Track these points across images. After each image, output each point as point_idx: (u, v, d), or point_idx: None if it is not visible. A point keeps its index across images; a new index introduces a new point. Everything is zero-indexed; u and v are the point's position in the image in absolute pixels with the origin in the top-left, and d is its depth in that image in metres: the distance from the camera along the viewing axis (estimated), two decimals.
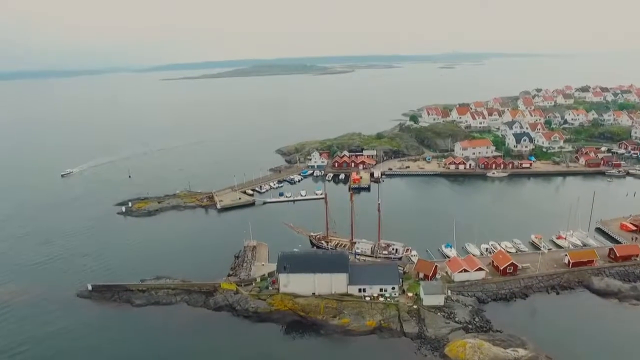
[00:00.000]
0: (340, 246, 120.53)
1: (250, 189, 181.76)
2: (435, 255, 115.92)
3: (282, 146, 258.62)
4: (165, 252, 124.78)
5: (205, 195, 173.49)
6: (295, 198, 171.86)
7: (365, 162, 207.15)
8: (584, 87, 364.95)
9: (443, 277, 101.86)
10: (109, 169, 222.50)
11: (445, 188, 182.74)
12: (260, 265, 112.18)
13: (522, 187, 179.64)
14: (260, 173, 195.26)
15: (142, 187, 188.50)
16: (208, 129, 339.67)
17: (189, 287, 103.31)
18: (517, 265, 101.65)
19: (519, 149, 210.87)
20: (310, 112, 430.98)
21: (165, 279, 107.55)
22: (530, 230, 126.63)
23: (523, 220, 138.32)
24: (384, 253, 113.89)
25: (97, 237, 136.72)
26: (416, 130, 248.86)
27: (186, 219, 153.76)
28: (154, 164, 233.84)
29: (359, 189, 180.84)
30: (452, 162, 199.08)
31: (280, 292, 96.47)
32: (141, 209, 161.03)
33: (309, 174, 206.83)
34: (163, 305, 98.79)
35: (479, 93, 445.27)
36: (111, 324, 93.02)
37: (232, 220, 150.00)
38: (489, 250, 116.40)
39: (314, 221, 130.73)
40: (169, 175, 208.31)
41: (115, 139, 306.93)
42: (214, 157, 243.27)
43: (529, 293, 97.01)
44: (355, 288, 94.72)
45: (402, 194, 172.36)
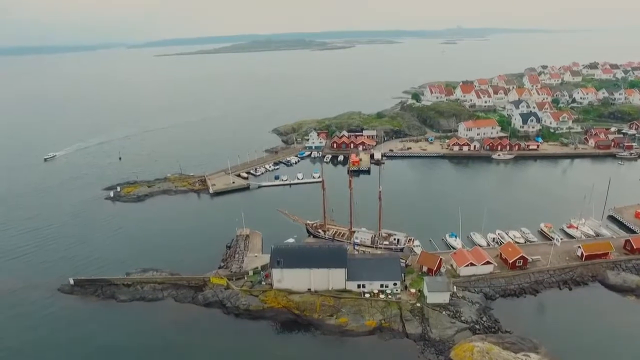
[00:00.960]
0: (338, 235, 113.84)
1: (244, 172, 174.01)
2: (439, 246, 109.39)
3: (279, 125, 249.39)
4: (154, 242, 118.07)
5: (197, 179, 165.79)
6: (292, 182, 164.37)
7: (365, 143, 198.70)
8: (592, 64, 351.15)
9: (448, 271, 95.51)
10: (99, 151, 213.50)
11: (448, 171, 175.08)
12: (253, 257, 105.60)
13: (529, 170, 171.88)
14: (256, 155, 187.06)
15: (133, 170, 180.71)
16: (203, 108, 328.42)
17: (177, 281, 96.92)
18: (527, 258, 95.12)
19: (526, 129, 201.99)
20: (308, 89, 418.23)
21: (152, 272, 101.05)
22: (539, 219, 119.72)
23: (531, 207, 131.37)
24: (384, 244, 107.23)
25: (82, 225, 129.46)
26: (418, 109, 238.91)
27: (177, 205, 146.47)
28: (146, 145, 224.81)
29: (359, 172, 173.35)
30: (455, 143, 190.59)
31: (273, 288, 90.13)
32: (130, 194, 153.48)
33: (307, 155, 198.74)
34: (149, 301, 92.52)
35: (482, 70, 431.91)
36: (93, 322, 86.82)
37: (225, 206, 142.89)
38: (496, 240, 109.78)
39: (311, 207, 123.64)
40: (161, 157, 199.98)
41: (106, 119, 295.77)
42: (208, 138, 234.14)
43: (540, 289, 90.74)
44: (354, 284, 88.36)
45: (403, 178, 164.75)
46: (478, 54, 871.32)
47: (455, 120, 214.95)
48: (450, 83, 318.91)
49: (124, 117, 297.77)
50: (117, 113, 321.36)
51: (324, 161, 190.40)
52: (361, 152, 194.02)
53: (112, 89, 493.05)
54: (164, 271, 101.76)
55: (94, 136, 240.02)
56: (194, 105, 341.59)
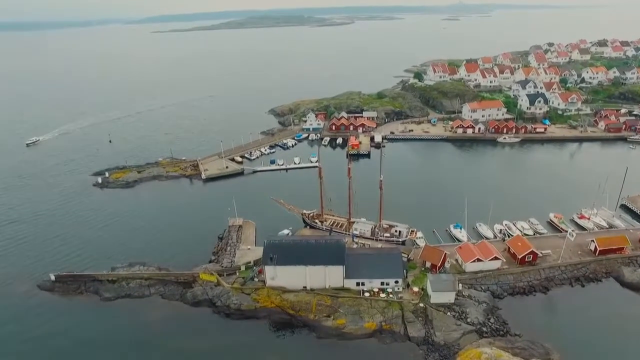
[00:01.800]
0: (336, 226, 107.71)
1: (239, 156, 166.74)
2: (443, 238, 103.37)
3: (276, 106, 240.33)
4: (142, 232, 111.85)
5: (189, 164, 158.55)
6: (288, 166, 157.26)
7: (365, 125, 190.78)
8: (601, 41, 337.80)
9: (453, 266, 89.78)
10: (87, 134, 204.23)
11: (452, 155, 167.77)
12: (246, 250, 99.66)
13: (537, 154, 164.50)
14: (251, 137, 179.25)
15: (123, 153, 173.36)
16: (198, 87, 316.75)
17: (165, 277, 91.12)
18: (538, 253, 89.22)
19: (533, 111, 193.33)
20: (307, 67, 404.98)
21: (139, 267, 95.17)
22: (548, 208, 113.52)
23: (539, 195, 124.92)
24: (385, 236, 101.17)
25: (67, 215, 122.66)
26: (420, 89, 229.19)
27: (167, 191, 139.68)
28: (137, 127, 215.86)
29: (358, 156, 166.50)
30: (459, 125, 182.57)
31: (266, 286, 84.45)
32: (119, 180, 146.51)
33: (304, 138, 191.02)
34: (135, 298, 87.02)
35: (486, 47, 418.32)
36: (74, 321, 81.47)
37: (218, 193, 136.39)
38: (503, 232, 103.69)
39: (308, 194, 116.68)
40: (153, 140, 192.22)
41: (96, 100, 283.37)
42: (202, 119, 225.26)
43: (550, 286, 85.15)
44: (353, 282, 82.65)
45: (404, 163, 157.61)
46: (481, 30, 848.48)
47: (459, 101, 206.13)
48: (453, 61, 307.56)
49: (114, 98, 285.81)
50: (107, 93, 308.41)
51: (322, 144, 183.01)
52: (361, 134, 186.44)
53: (104, 68, 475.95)
54: (152, 265, 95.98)
55: (83, 118, 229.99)
56: (188, 85, 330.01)
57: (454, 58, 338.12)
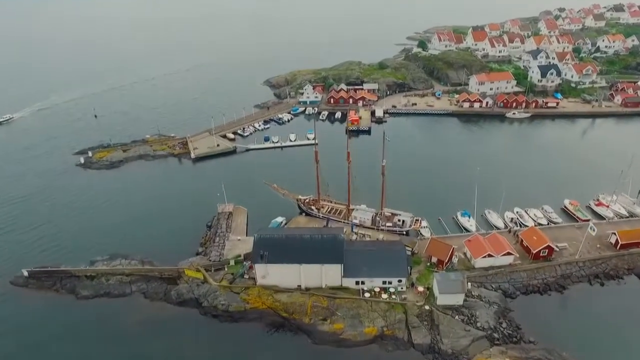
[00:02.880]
0: (334, 213, 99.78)
1: (231, 132, 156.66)
2: (449, 227, 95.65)
3: (271, 76, 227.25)
4: (126, 220, 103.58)
5: (178, 141, 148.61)
6: (283, 144, 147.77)
7: (365, 98, 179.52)
8: (617, 6, 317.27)
9: (461, 261, 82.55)
10: (70, 109, 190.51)
11: (458, 132, 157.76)
12: (236, 241, 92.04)
13: (548, 132, 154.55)
14: (244, 112, 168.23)
15: (108, 129, 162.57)
16: (188, 56, 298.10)
17: (148, 273, 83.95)
18: (554, 247, 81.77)
19: (544, 84, 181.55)
20: (304, 34, 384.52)
21: (120, 260, 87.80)
22: (562, 193, 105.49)
23: (553, 178, 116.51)
24: (387, 225, 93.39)
25: (45, 201, 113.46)
26: (424, 58, 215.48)
27: (154, 173, 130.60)
28: (124, 100, 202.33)
29: (358, 132, 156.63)
30: (466, 99, 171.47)
31: (257, 285, 77.33)
32: (102, 160, 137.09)
33: (301, 112, 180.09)
34: (115, 297, 79.97)
35: (492, 12, 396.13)
36: (49, 321, 74.77)
37: (208, 174, 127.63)
38: (514, 221, 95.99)
39: (304, 175, 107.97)
40: (141, 115, 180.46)
41: (82, 70, 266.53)
42: (192, 91, 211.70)
43: (567, 284, 78.22)
44: (352, 281, 75.50)
45: (407, 140, 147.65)
46: None
47: (466, 73, 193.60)
48: (458, 28, 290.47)
49: (100, 68, 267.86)
50: (93, 63, 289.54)
51: (320, 118, 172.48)
52: (361, 108, 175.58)
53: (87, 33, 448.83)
54: (135, 258, 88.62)
55: (64, 92, 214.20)
56: (177, 53, 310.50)
57: (459, 25, 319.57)
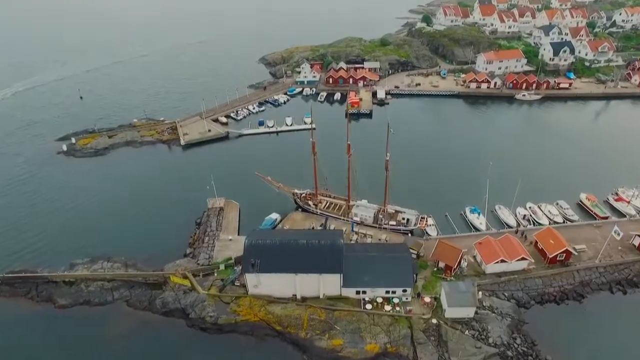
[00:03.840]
0: (333, 209, 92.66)
1: (223, 116, 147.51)
2: (457, 224, 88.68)
3: (267, 53, 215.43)
4: (109, 215, 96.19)
5: (167, 126, 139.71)
6: (279, 128, 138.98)
7: (366, 78, 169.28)
8: None
9: (470, 265, 76.12)
10: (55, 89, 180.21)
11: (464, 115, 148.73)
12: (227, 241, 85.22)
13: (560, 115, 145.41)
14: (237, 93, 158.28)
15: (94, 113, 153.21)
16: (180, 31, 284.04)
17: (131, 278, 77.50)
18: (572, 252, 75.15)
19: (556, 62, 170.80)
20: (301, 6, 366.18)
21: (102, 262, 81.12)
22: (577, 186, 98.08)
23: (567, 168, 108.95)
24: (390, 224, 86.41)
25: (23, 195, 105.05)
26: (429, 34, 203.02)
27: (141, 161, 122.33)
28: (113, 79, 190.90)
29: (358, 115, 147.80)
30: (473, 79, 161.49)
31: (249, 294, 70.99)
32: (87, 147, 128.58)
33: (297, 93, 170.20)
34: (95, 305, 73.72)
35: None
36: (23, 334, 68.74)
37: (198, 162, 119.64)
38: (527, 218, 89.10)
39: (300, 164, 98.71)
40: (129, 97, 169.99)
41: (65, 47, 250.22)
42: (184, 70, 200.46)
43: (586, 292, 72.02)
44: (353, 290, 69.12)
45: (410, 124, 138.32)
46: None
47: (473, 50, 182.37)
48: (463, 1, 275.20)
49: (85, 45, 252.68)
50: (80, 38, 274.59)
51: (318, 100, 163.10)
52: (362, 89, 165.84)
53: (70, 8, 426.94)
54: (118, 260, 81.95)
55: (47, 71, 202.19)
56: (168, 29, 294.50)
57: None
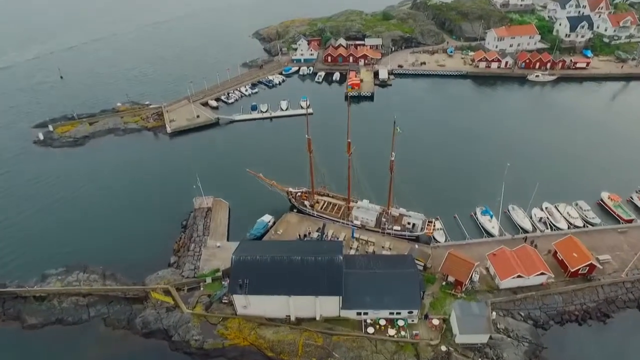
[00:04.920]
0: (331, 210, 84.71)
1: (213, 99, 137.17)
2: (467, 227, 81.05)
3: (262, 27, 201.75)
4: (87, 216, 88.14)
5: (153, 112, 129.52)
6: (273, 114, 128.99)
7: (367, 56, 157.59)
8: None
9: (482, 278, 68.93)
10: (34, 68, 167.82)
11: (473, 98, 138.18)
12: (215, 248, 77.64)
13: (577, 99, 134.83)
14: (228, 74, 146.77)
15: (75, 95, 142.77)
16: (167, 3, 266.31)
17: (109, 292, 70.28)
18: (597, 265, 67.77)
19: (572, 39, 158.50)
20: None
21: (77, 273, 73.57)
22: (598, 183, 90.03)
23: (586, 162, 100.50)
24: (395, 229, 78.64)
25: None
26: (435, 7, 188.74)
27: (124, 152, 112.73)
28: (96, 58, 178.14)
29: (359, 98, 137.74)
30: (482, 58, 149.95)
31: (237, 315, 63.95)
32: (65, 135, 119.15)
33: (294, 72, 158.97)
34: (69, 324, 66.70)
35: None
36: None
37: (186, 153, 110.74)
38: (543, 220, 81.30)
39: (296, 156, 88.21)
40: (112, 77, 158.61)
41: (45, 21, 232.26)
42: (173, 47, 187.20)
43: (612, 311, 65.16)
44: (353, 312, 62.06)
45: (414, 109, 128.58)
46: None
47: (483, 25, 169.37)
48: None
49: (67, 20, 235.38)
50: (57, 14, 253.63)
51: (316, 80, 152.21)
52: (362, 68, 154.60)
53: None
54: (95, 270, 74.36)
55: (25, 48, 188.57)
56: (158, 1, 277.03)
57: None
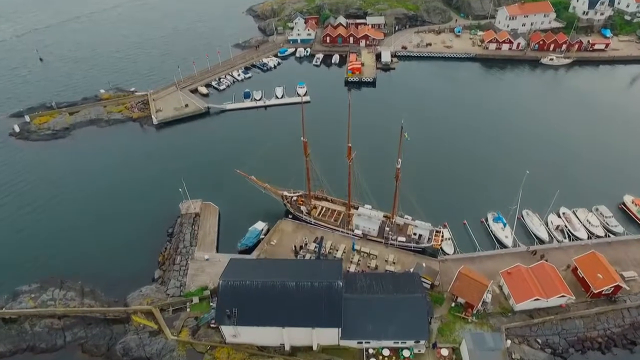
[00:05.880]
0: (330, 216, 77.81)
1: (203, 85, 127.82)
2: (477, 235, 74.46)
3: (255, 3, 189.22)
4: (65, 222, 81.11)
5: (138, 100, 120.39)
6: (268, 102, 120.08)
7: (369, 37, 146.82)
8: None
9: (495, 297, 62.86)
10: (10, 50, 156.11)
11: (482, 85, 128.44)
12: (203, 261, 71.16)
13: (594, 86, 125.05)
14: (220, 57, 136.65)
15: (54, 81, 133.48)
16: None
17: (87, 314, 64.20)
18: (623, 285, 61.50)
19: (590, 17, 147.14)
20: None
21: (53, 290, 67.37)
22: (620, 184, 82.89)
23: (606, 159, 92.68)
24: (399, 240, 71.92)
25: None
26: None
27: (106, 147, 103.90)
28: (78, 38, 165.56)
29: (360, 84, 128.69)
30: (492, 39, 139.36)
31: (227, 343, 58.06)
32: (43, 127, 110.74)
33: (290, 54, 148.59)
34: (42, 352, 60.82)
35: None
36: None
37: (174, 147, 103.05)
38: (560, 228, 74.56)
39: (292, 152, 79.79)
40: (95, 61, 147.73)
41: None
42: (160, 26, 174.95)
43: (638, 338, 59.36)
44: (354, 341, 56.15)
45: (418, 96, 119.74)
46: None
47: (493, 2, 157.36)
48: None
49: None
50: None
51: (314, 63, 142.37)
52: (364, 49, 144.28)
53: None
54: (73, 286, 68.20)
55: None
56: None
57: None
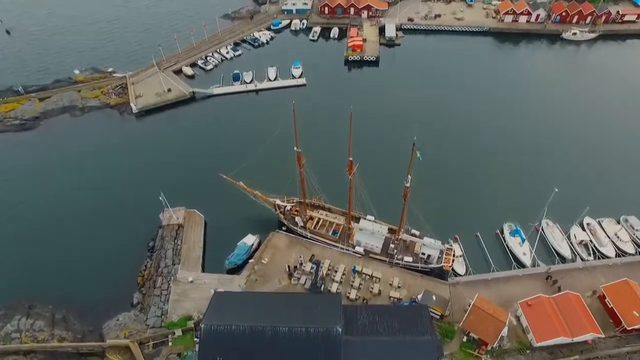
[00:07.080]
0: (327, 229, 69.76)
1: (188, 64, 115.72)
2: (491, 250, 66.81)
3: None
4: (32, 234, 72.65)
5: (116, 84, 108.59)
6: (260, 85, 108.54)
7: (371, 7, 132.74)
8: None
9: (512, 330, 56.07)
10: None
11: (497, 64, 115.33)
12: (187, 283, 63.73)
13: (623, 64, 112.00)
14: (205, 31, 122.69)
15: (22, 59, 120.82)
16: None
17: (57, 349, 57.46)
18: None
19: None
20: None
21: (19, 318, 60.32)
22: None
23: (633, 157, 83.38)
24: (405, 260, 64.12)
25: None
26: None
27: (80, 140, 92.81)
28: (50, 8, 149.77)
29: (361, 63, 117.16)
30: (509, 10, 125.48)
31: None
32: (9, 116, 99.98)
33: (284, 27, 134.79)
34: None
35: None
36: None
37: (156, 140, 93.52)
38: (584, 243, 66.70)
39: (286, 149, 67.43)
40: (69, 36, 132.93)
41: None
42: None
43: None
44: None
45: (425, 78, 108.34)
46: None
47: None
48: None
49: None
50: None
51: (310, 38, 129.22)
52: (365, 22, 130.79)
53: None
54: (42, 313, 61.44)
55: None
56: None
57: None
